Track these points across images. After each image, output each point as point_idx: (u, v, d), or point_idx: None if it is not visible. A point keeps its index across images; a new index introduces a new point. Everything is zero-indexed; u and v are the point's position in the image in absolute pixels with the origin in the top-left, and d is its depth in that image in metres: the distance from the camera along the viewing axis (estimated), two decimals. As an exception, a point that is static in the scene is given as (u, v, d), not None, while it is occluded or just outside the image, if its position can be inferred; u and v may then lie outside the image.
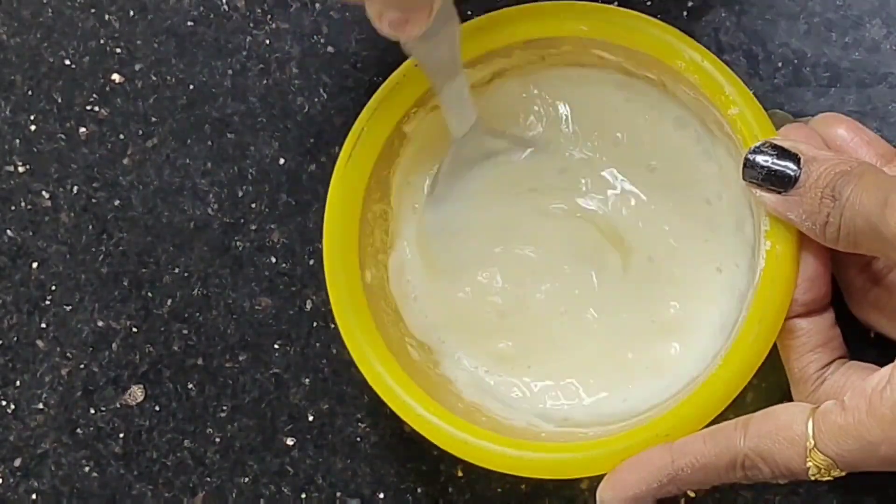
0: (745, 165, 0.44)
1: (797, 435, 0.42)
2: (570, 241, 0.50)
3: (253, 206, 0.53)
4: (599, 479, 0.45)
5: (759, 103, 0.46)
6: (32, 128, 0.54)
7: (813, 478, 0.42)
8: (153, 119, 0.53)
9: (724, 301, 0.48)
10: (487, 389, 0.50)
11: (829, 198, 0.42)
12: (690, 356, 0.48)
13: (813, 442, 0.41)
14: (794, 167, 0.43)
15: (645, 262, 0.50)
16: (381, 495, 0.52)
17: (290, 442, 0.52)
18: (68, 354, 0.53)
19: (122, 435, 0.53)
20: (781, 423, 0.42)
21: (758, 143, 0.44)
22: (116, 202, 0.54)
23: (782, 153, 0.43)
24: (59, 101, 0.54)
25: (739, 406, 0.45)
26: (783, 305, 0.44)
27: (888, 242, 0.41)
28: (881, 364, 0.43)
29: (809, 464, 0.41)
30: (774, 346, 0.45)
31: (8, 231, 0.54)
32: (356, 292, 0.47)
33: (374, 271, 0.49)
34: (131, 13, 0.54)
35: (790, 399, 0.46)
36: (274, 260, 0.53)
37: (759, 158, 0.44)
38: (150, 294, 0.53)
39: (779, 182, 0.43)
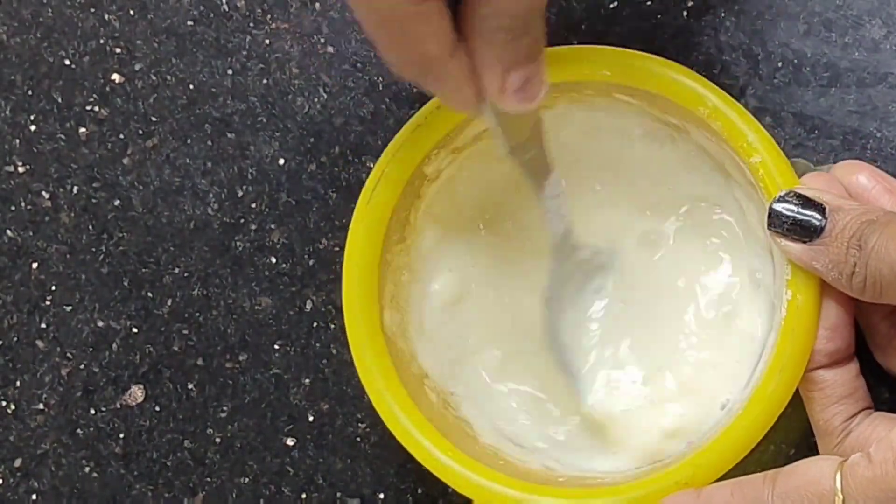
0: (769, 215, 0.43)
1: (825, 490, 0.41)
2: (591, 294, 0.50)
3: (253, 206, 0.53)
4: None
5: (783, 152, 0.45)
6: (32, 128, 0.54)
7: None
8: (153, 119, 0.53)
9: (743, 350, 0.48)
10: (504, 433, 0.50)
11: (855, 247, 0.41)
12: (711, 405, 0.48)
13: (842, 497, 0.41)
14: (820, 217, 0.43)
15: (667, 310, 0.50)
16: (381, 495, 0.52)
17: (290, 442, 0.52)
18: (68, 354, 0.53)
19: (122, 435, 0.53)
20: (809, 478, 0.42)
21: (782, 193, 0.44)
22: (116, 202, 0.54)
23: (807, 202, 0.43)
24: (59, 101, 0.54)
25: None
26: (804, 355, 0.44)
27: None
28: None
29: None
30: (795, 393, 0.45)
31: (8, 231, 0.54)
32: (375, 334, 0.47)
33: (393, 313, 0.48)
34: (131, 13, 0.54)
35: (810, 440, 0.46)
36: (274, 260, 0.53)
37: (784, 208, 0.43)
38: (150, 294, 0.53)
39: (804, 232, 0.43)
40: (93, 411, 0.53)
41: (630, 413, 0.49)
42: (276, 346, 0.52)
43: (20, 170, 0.54)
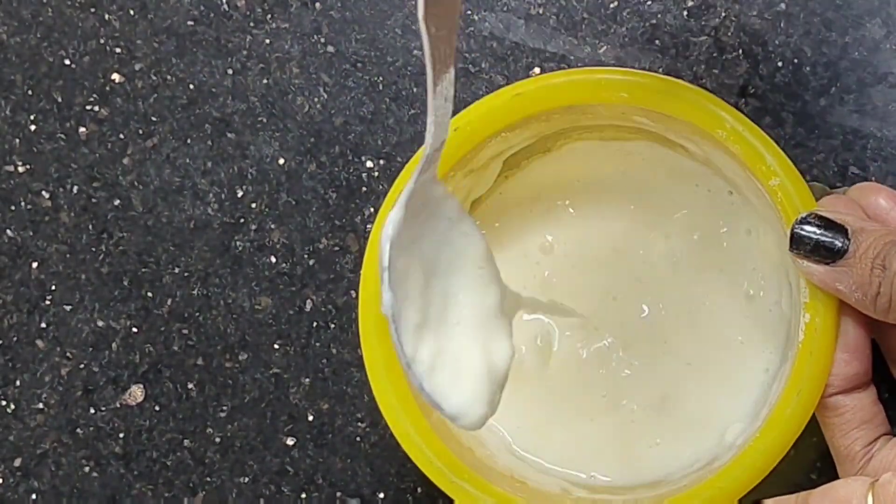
0: (792, 237, 0.43)
1: None
2: (606, 308, 0.50)
3: (253, 205, 0.53)
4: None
5: (802, 175, 0.45)
6: (32, 128, 0.54)
7: None
8: (153, 119, 0.53)
9: (760, 372, 0.48)
10: (520, 455, 0.50)
11: (879, 268, 0.41)
12: (727, 428, 0.48)
13: None
14: (843, 238, 0.42)
15: (682, 332, 0.50)
16: (381, 495, 0.52)
17: (290, 442, 0.52)
18: (68, 354, 0.53)
19: (122, 435, 0.53)
20: (841, 498, 0.42)
21: (804, 215, 0.43)
22: (116, 202, 0.54)
23: (829, 224, 0.43)
24: (59, 101, 0.54)
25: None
26: (822, 378, 0.44)
27: None
28: None
29: None
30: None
31: (8, 231, 0.54)
32: (389, 353, 0.46)
33: None
34: (131, 13, 0.54)
35: (824, 461, 0.46)
36: (274, 260, 0.53)
37: (807, 230, 0.43)
38: (150, 294, 0.53)
39: (827, 253, 0.43)
40: (93, 411, 0.53)
41: (640, 435, 0.50)
42: (276, 346, 0.52)
43: (20, 170, 0.54)
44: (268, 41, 0.53)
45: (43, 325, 0.53)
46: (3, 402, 0.53)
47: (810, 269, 0.43)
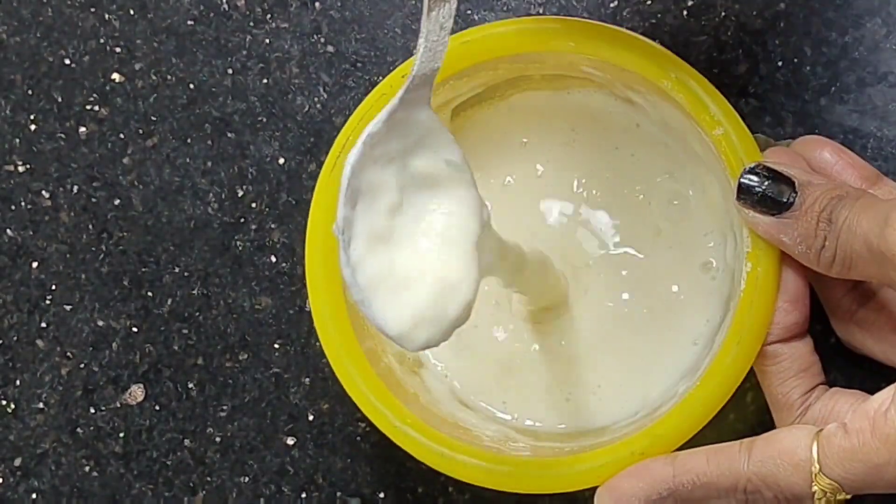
0: (739, 187, 0.44)
1: (802, 459, 0.41)
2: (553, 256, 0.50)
3: (253, 205, 0.53)
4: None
5: (746, 124, 0.45)
6: (32, 127, 0.54)
7: (819, 502, 0.41)
8: (153, 118, 0.54)
9: (702, 323, 0.48)
10: (466, 402, 0.50)
11: (825, 221, 0.42)
12: (667, 376, 0.48)
13: (818, 466, 0.41)
14: (790, 191, 0.43)
15: (624, 282, 0.50)
16: (381, 495, 0.52)
17: (290, 441, 0.52)
18: (68, 354, 0.53)
19: (122, 435, 0.53)
20: (785, 447, 0.42)
21: (752, 165, 0.44)
22: (116, 202, 0.54)
23: (777, 176, 0.43)
24: (59, 100, 0.54)
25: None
26: (762, 327, 0.44)
27: (889, 261, 0.40)
28: (865, 389, 0.43)
29: (815, 488, 0.41)
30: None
31: (8, 231, 0.54)
32: (337, 299, 0.47)
33: None
34: (131, 12, 0.54)
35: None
36: (274, 259, 0.53)
37: (754, 180, 0.43)
38: (150, 294, 0.53)
39: (773, 205, 0.43)
40: (93, 410, 0.53)
41: (582, 380, 0.50)
42: (276, 346, 0.52)
43: (20, 169, 0.54)
44: (267, 41, 0.53)
45: (43, 325, 0.54)
46: (3, 402, 0.53)
47: (755, 220, 0.44)
